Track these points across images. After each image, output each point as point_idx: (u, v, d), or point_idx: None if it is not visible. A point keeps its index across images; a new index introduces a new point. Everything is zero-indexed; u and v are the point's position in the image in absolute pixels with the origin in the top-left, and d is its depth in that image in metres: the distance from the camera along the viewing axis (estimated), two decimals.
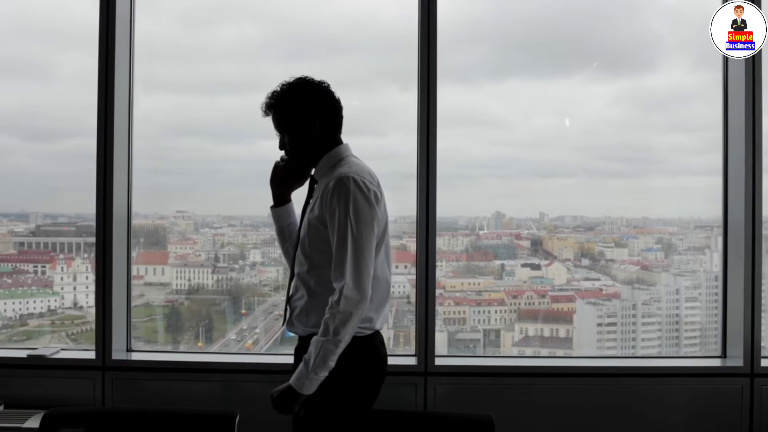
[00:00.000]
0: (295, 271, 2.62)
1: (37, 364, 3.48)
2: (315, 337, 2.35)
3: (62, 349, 3.64)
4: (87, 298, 4.32)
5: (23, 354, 3.52)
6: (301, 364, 2.36)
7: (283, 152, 2.66)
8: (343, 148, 2.60)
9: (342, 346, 2.33)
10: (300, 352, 2.57)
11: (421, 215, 3.50)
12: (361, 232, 2.37)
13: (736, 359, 3.57)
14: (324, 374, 2.34)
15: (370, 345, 2.51)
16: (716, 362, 3.68)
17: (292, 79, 2.59)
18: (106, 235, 3.49)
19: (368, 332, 2.50)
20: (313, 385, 2.34)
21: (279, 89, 2.58)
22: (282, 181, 2.75)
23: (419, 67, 3.52)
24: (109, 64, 3.48)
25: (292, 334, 4.25)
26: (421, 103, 3.50)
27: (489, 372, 3.50)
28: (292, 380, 2.38)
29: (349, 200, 2.37)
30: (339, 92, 2.63)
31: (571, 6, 4.15)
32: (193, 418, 2.53)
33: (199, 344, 4.18)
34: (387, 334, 4.25)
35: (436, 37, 3.47)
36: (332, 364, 2.33)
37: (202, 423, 2.51)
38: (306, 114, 2.55)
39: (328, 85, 2.61)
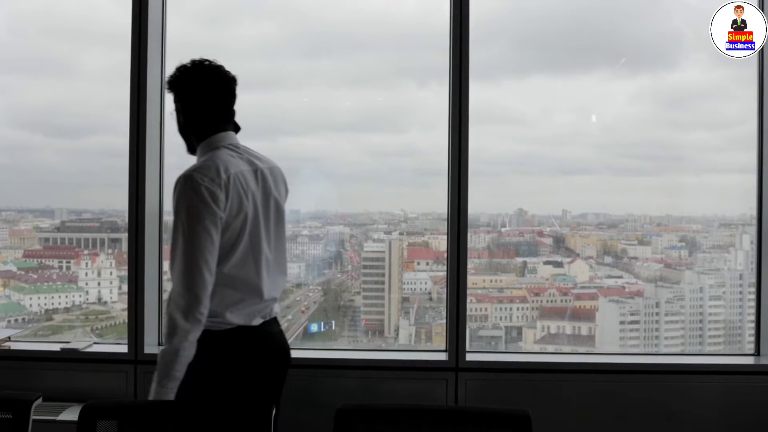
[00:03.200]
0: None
1: (71, 358, 3.50)
2: (161, 347, 2.31)
3: (95, 343, 3.67)
4: (111, 293, 4.35)
5: (56, 348, 3.55)
6: (153, 376, 2.31)
7: None
8: (219, 138, 2.49)
9: (184, 353, 2.26)
10: None
11: (453, 212, 3.50)
12: (194, 234, 2.28)
13: None
14: (173, 384, 2.27)
15: (224, 339, 2.41)
16: (750, 360, 3.67)
17: (190, 61, 2.54)
18: (138, 231, 3.51)
19: (226, 326, 2.41)
20: (169, 396, 2.28)
21: (176, 69, 2.54)
22: None
23: (450, 64, 3.51)
24: (141, 62, 3.50)
25: (314, 328, 4.32)
26: (453, 99, 3.49)
27: (521, 368, 3.52)
28: (149, 394, 2.32)
29: (182, 200, 2.30)
30: (359, 89, 2.60)
31: (589, 2, 4.16)
32: None
33: None
34: (408, 331, 4.27)
35: (468, 33, 3.46)
36: (178, 374, 2.27)
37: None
38: (189, 96, 2.50)
39: (227, 72, 2.53)
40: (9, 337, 3.57)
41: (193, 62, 2.51)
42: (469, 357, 3.46)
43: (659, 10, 4.13)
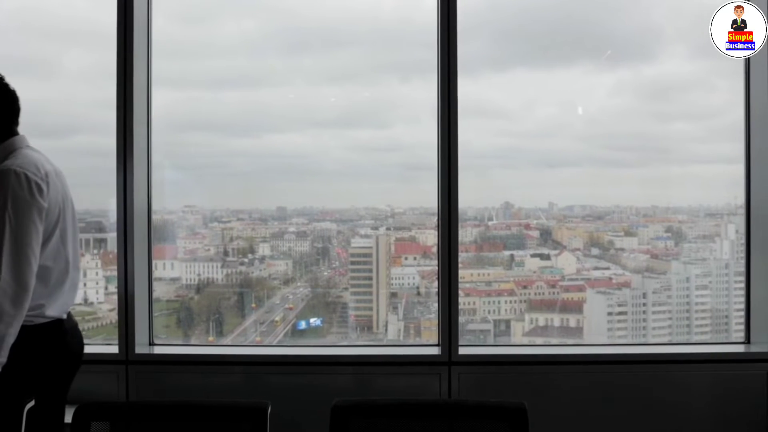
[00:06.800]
0: None
1: None
2: None
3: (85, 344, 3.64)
4: (97, 294, 4.31)
5: None
6: None
7: None
8: (17, 140, 2.56)
9: (9, 339, 2.29)
10: None
11: (443, 207, 3.50)
12: (20, 225, 2.34)
13: (762, 345, 3.60)
14: None
15: (41, 333, 2.48)
16: (740, 348, 3.71)
17: None
18: (127, 230, 3.50)
19: (41, 320, 2.47)
20: None
21: None
22: None
23: (438, 59, 3.52)
24: (127, 60, 3.47)
25: (302, 325, 4.31)
26: (442, 94, 3.50)
27: (513, 361, 3.54)
28: None
29: (8, 193, 2.34)
30: (342, 85, 2.59)
31: None
32: (225, 409, 2.52)
33: (210, 339, 4.18)
34: (397, 326, 4.27)
35: (456, 28, 3.46)
36: (4, 360, 2.29)
37: (234, 414, 2.49)
38: None
39: (2, 77, 2.58)
40: None
41: None
42: (462, 351, 3.48)
43: (639, 3, 4.16)
